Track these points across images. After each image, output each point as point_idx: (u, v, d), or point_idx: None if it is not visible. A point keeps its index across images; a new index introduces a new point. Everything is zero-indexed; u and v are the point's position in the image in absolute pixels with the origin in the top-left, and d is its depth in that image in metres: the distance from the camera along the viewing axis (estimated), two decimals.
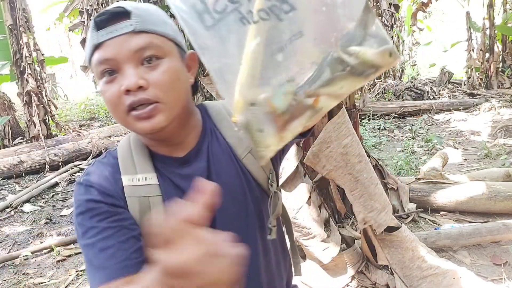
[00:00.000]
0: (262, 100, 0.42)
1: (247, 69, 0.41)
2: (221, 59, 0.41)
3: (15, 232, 3.31)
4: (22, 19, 5.46)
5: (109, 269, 0.67)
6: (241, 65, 0.41)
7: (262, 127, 0.44)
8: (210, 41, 0.40)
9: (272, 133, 0.44)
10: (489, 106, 6.47)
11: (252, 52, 0.41)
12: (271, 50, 0.41)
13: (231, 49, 0.41)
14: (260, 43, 0.40)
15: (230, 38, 0.40)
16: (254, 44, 0.40)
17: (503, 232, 2.33)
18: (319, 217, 1.98)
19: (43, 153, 4.98)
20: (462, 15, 9.18)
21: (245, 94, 0.42)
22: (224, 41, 0.41)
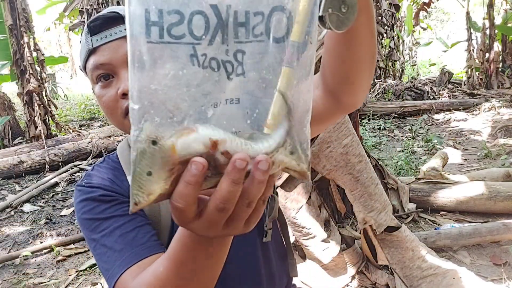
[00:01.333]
0: (168, 144, 0.36)
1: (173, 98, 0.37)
2: (148, 80, 0.36)
3: (15, 232, 3.31)
4: (22, 19, 5.46)
5: (136, 249, 0.67)
6: (165, 94, 0.36)
7: (153, 170, 0.37)
8: (145, 56, 0.35)
9: (161, 181, 0.37)
10: (489, 106, 6.47)
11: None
12: (205, 101, 0.37)
13: (163, 78, 0.36)
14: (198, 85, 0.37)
15: (168, 67, 0.36)
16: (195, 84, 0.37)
17: (503, 232, 2.33)
18: (319, 217, 1.98)
19: (43, 153, 4.98)
20: (462, 15, 9.18)
21: (154, 127, 0.36)
22: (159, 66, 0.36)
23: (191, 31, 0.36)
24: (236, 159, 0.36)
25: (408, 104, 7.12)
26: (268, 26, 0.38)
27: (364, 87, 0.70)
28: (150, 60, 0.35)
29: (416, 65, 12.68)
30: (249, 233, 0.89)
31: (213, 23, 0.36)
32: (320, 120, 0.78)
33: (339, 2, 0.44)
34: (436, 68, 13.34)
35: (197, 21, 0.36)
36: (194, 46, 0.36)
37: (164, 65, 0.36)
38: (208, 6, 0.36)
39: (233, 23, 0.37)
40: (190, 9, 0.35)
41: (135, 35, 0.35)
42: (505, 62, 8.28)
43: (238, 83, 0.37)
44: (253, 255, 0.87)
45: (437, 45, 12.09)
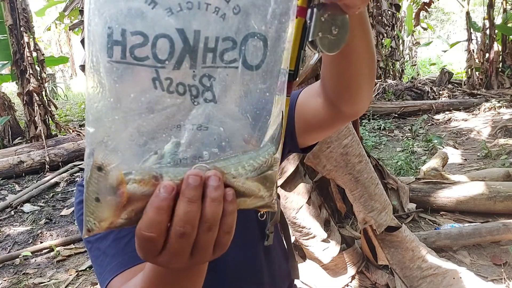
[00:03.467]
0: (114, 172, 0.34)
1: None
2: (106, 103, 0.34)
3: (15, 232, 3.31)
4: (22, 19, 5.46)
5: (127, 256, 0.67)
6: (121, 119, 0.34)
7: (101, 197, 0.35)
8: (105, 76, 0.34)
9: (111, 209, 0.35)
10: (489, 106, 6.47)
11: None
12: (167, 125, 0.35)
13: (122, 100, 0.34)
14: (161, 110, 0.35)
15: (129, 89, 0.34)
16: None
17: (503, 232, 2.33)
18: (319, 217, 1.98)
19: (43, 153, 4.98)
20: (462, 15, 9.17)
21: (104, 152, 0.34)
22: (119, 88, 0.34)
23: (155, 54, 0.34)
24: (189, 175, 0.35)
25: (408, 104, 7.12)
26: (241, 52, 0.36)
27: (365, 97, 0.69)
28: (110, 81, 0.34)
29: (416, 65, 12.67)
30: (251, 237, 0.90)
31: (179, 48, 0.34)
32: (322, 127, 0.78)
33: (330, 24, 0.42)
34: (436, 68, 13.33)
35: (162, 44, 0.34)
36: (157, 69, 0.34)
37: (124, 87, 0.34)
38: (175, 30, 0.34)
39: (203, 49, 0.35)
40: (155, 32, 0.34)
41: (95, 54, 0.34)
42: (505, 62, 8.27)
43: (206, 109, 0.36)
44: (255, 259, 0.88)
45: (437, 45, 12.09)
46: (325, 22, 0.41)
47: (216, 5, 0.35)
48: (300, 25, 0.41)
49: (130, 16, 0.33)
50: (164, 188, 0.35)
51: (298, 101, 0.77)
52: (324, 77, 0.69)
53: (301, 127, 0.77)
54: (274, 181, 0.40)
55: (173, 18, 0.34)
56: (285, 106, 0.42)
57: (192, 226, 0.37)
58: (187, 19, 0.34)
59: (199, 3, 0.34)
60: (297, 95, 0.78)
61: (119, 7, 0.33)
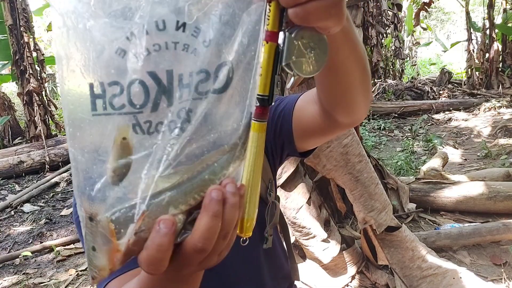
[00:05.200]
0: (103, 219, 0.34)
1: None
2: (90, 155, 0.35)
3: (15, 232, 3.31)
4: (22, 19, 5.46)
5: None
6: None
7: (96, 246, 0.35)
8: (89, 129, 0.35)
9: (107, 256, 0.36)
10: (489, 106, 6.47)
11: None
12: (151, 159, 0.35)
13: (105, 151, 0.35)
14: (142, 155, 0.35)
15: (111, 139, 0.35)
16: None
17: (503, 232, 2.33)
18: (319, 217, 1.98)
19: (43, 153, 4.98)
20: (462, 15, 9.17)
21: (90, 203, 0.35)
22: (101, 139, 0.35)
23: (130, 101, 0.34)
24: (212, 190, 0.35)
25: (408, 104, 7.12)
26: (214, 81, 0.36)
27: (361, 108, 0.67)
28: (94, 133, 0.35)
29: (416, 65, 12.67)
30: (251, 239, 0.90)
31: (153, 90, 0.35)
32: (320, 133, 0.77)
33: (304, 46, 0.40)
34: (436, 68, 13.34)
35: (135, 89, 0.34)
36: (135, 115, 0.35)
37: (106, 137, 0.35)
38: (146, 74, 0.34)
39: (178, 86, 0.35)
40: (128, 79, 0.34)
41: (76, 110, 0.35)
42: (505, 62, 8.27)
43: (182, 140, 0.36)
44: (255, 261, 0.87)
45: (437, 45, 12.09)
46: (298, 45, 0.39)
47: (184, 42, 0.35)
48: (272, 49, 0.39)
49: (105, 68, 0.34)
50: (164, 223, 0.34)
51: (296, 106, 0.76)
52: (317, 90, 0.68)
53: (299, 132, 0.77)
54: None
55: (143, 63, 0.34)
56: (263, 132, 0.41)
57: (212, 242, 0.36)
58: (156, 61, 0.35)
59: (166, 44, 0.35)
60: (296, 99, 0.77)
61: (94, 61, 0.34)
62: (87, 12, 0.34)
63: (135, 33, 0.34)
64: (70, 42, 0.35)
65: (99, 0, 0.34)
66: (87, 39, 0.34)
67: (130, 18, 0.34)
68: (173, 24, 0.35)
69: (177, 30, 0.35)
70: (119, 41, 0.34)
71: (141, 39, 0.34)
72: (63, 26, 0.35)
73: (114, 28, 0.34)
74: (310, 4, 0.36)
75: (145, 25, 0.34)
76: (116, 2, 0.34)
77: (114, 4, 0.34)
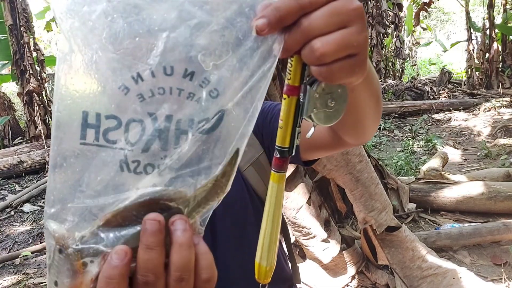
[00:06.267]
0: (72, 252, 0.33)
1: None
2: (72, 184, 0.35)
3: (15, 232, 3.31)
4: (22, 19, 5.46)
5: None
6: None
7: (59, 281, 0.34)
8: (75, 157, 0.34)
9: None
10: (489, 106, 6.47)
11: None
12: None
13: (89, 182, 0.35)
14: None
15: (96, 171, 0.35)
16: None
17: (503, 232, 2.33)
18: (319, 217, 1.98)
19: (43, 153, 4.97)
20: (462, 15, 9.17)
21: (64, 232, 0.34)
22: (86, 169, 0.34)
23: (126, 137, 0.35)
24: (147, 220, 0.33)
25: (408, 104, 7.11)
26: (214, 128, 0.36)
27: (371, 132, 0.68)
28: (79, 162, 0.34)
29: (416, 65, 12.67)
30: (250, 241, 0.90)
31: (149, 131, 0.35)
32: (326, 149, 0.78)
33: (325, 98, 0.39)
34: (436, 68, 13.33)
35: (133, 128, 0.35)
36: (125, 151, 0.35)
37: (92, 168, 0.34)
38: (146, 114, 0.35)
39: (174, 131, 0.35)
40: (127, 116, 0.34)
41: (66, 136, 0.34)
42: (505, 62, 8.27)
43: (165, 180, 0.36)
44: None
45: (437, 45, 12.09)
46: (319, 98, 0.38)
47: (190, 90, 0.35)
48: (293, 103, 0.39)
49: (104, 101, 0.34)
50: (116, 254, 0.32)
51: (303, 121, 0.77)
52: None
53: (305, 146, 0.77)
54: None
55: (145, 104, 0.35)
56: (282, 182, 0.41)
57: (155, 275, 0.33)
58: (158, 104, 0.35)
59: (171, 89, 0.35)
60: None
61: (94, 92, 0.34)
62: (97, 44, 0.34)
63: (141, 74, 0.34)
64: (72, 68, 0.34)
65: (111, 35, 0.34)
66: (91, 68, 0.34)
67: (139, 58, 0.34)
68: (181, 71, 0.35)
69: (184, 77, 0.35)
70: (124, 78, 0.34)
71: (146, 81, 0.34)
72: (69, 51, 0.34)
73: (122, 65, 0.34)
74: (335, 64, 0.35)
75: (152, 68, 0.34)
76: (128, 41, 0.34)
77: (126, 42, 0.34)
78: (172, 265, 0.34)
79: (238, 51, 0.35)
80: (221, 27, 0.35)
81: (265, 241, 0.42)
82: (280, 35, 0.35)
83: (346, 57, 0.35)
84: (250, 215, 0.85)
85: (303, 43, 0.34)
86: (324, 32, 0.34)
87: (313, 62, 0.35)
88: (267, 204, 0.42)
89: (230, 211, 0.81)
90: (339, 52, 0.34)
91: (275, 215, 0.42)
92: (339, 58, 0.35)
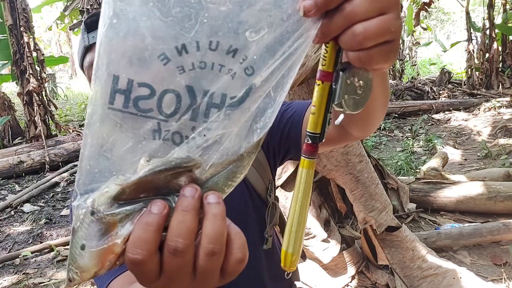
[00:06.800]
0: (106, 213, 0.33)
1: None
2: (101, 148, 0.34)
3: (15, 232, 3.31)
4: (22, 19, 5.46)
5: None
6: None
7: (87, 243, 0.33)
8: (103, 122, 0.34)
9: (97, 256, 0.33)
10: (489, 106, 6.47)
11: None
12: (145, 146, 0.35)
13: (118, 148, 0.34)
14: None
15: (126, 138, 0.34)
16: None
17: (503, 232, 2.33)
18: (319, 217, 1.98)
19: (43, 153, 4.98)
20: (462, 15, 9.17)
21: (99, 197, 0.33)
22: (117, 136, 0.34)
23: (160, 108, 0.34)
24: (185, 186, 0.34)
25: (408, 104, 7.12)
26: (243, 106, 0.36)
27: (377, 124, 0.70)
28: (105, 127, 0.34)
29: (416, 65, 12.67)
30: (251, 239, 0.90)
31: (186, 104, 0.35)
32: (329, 143, 0.79)
33: (355, 85, 0.41)
34: (436, 68, 13.33)
35: (169, 99, 0.34)
36: (159, 122, 0.34)
37: (121, 134, 0.34)
38: (184, 87, 0.34)
39: (207, 103, 0.35)
40: (163, 87, 0.34)
41: (97, 98, 0.34)
42: (505, 62, 8.27)
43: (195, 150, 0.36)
44: (256, 261, 0.88)
45: (437, 45, 12.09)
46: (350, 84, 0.40)
47: (230, 67, 0.35)
48: (326, 89, 0.41)
49: (140, 68, 0.34)
50: (155, 206, 0.33)
51: (306, 114, 0.78)
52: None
53: None
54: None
55: (184, 76, 0.34)
56: (312, 168, 0.42)
57: (185, 241, 0.33)
58: (198, 78, 0.34)
59: (212, 64, 0.35)
60: (306, 107, 0.79)
61: (130, 57, 0.33)
62: (143, 8, 0.33)
63: (187, 46, 0.34)
64: (114, 30, 0.33)
65: (160, 1, 0.33)
66: (133, 33, 0.33)
67: (186, 30, 0.34)
68: (225, 48, 0.34)
69: (227, 54, 0.35)
70: (168, 48, 0.34)
71: (190, 53, 0.34)
72: (113, 13, 0.33)
73: (167, 34, 0.33)
74: (374, 49, 0.36)
75: (199, 41, 0.34)
76: (178, 9, 0.33)
77: (175, 10, 0.33)
78: (205, 236, 0.33)
79: (278, 31, 0.35)
80: (269, 6, 0.35)
81: (292, 228, 0.42)
82: (319, 20, 0.36)
83: (384, 43, 0.36)
84: (251, 213, 0.85)
85: (344, 28, 0.35)
86: (366, 17, 0.35)
87: (353, 47, 0.36)
88: (296, 190, 0.42)
89: (231, 209, 0.81)
90: (379, 37, 0.35)
91: (303, 201, 0.42)
92: (378, 43, 0.36)
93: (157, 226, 0.32)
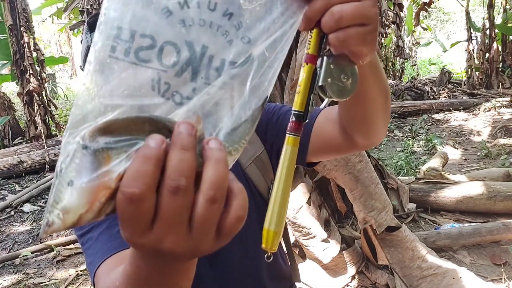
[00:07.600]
0: (100, 146, 0.31)
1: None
2: (102, 92, 0.34)
3: (15, 232, 3.31)
4: (22, 19, 5.46)
5: (118, 240, 0.66)
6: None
7: (76, 180, 0.30)
8: (103, 70, 0.34)
9: (87, 193, 0.30)
10: (489, 106, 6.47)
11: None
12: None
13: (116, 95, 0.34)
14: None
15: (124, 86, 0.34)
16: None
17: (503, 232, 2.33)
18: (319, 217, 1.98)
19: (43, 153, 4.97)
20: (462, 15, 9.16)
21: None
22: (116, 83, 0.34)
23: (160, 58, 0.35)
24: (181, 123, 0.32)
25: (408, 104, 7.12)
26: (240, 74, 0.38)
27: (381, 131, 0.72)
28: (107, 75, 0.34)
29: (416, 65, 12.67)
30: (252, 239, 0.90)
31: (184, 58, 0.36)
32: (337, 151, 0.81)
33: (339, 71, 0.44)
34: (436, 68, 13.33)
35: (169, 50, 0.35)
36: (159, 72, 0.35)
37: (120, 82, 0.34)
38: (184, 41, 0.36)
39: (207, 65, 0.36)
40: (164, 38, 0.35)
41: (98, 50, 0.34)
42: (505, 62, 8.27)
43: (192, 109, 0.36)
44: (256, 261, 0.88)
45: (437, 45, 12.09)
46: (334, 70, 0.44)
47: (226, 29, 0.37)
48: (311, 71, 0.44)
49: (144, 20, 0.35)
50: (154, 140, 0.30)
51: (317, 121, 0.79)
52: (339, 112, 0.71)
53: (315, 148, 0.79)
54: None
55: (185, 30, 0.36)
56: (296, 145, 0.44)
57: (188, 179, 0.30)
58: (198, 34, 0.36)
59: (211, 23, 0.37)
60: (317, 113, 0.80)
61: (134, 9, 0.35)
62: None
63: (188, 1, 0.36)
64: None
65: None
66: None
67: None
68: (222, 9, 0.37)
69: (223, 16, 0.37)
70: (170, 1, 0.35)
71: (192, 9, 0.36)
72: None
73: None
74: (351, 29, 0.41)
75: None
76: None
77: None
78: (206, 182, 0.31)
79: (269, 7, 0.39)
80: None
81: (275, 205, 0.43)
82: (304, 7, 0.41)
83: (360, 25, 0.41)
84: (252, 211, 0.85)
85: (324, 11, 0.40)
86: (343, 1, 0.40)
87: (331, 27, 0.41)
88: (280, 167, 0.44)
89: None
90: (354, 19, 0.40)
91: (287, 178, 0.43)
92: (354, 24, 0.41)
93: (157, 159, 0.30)
